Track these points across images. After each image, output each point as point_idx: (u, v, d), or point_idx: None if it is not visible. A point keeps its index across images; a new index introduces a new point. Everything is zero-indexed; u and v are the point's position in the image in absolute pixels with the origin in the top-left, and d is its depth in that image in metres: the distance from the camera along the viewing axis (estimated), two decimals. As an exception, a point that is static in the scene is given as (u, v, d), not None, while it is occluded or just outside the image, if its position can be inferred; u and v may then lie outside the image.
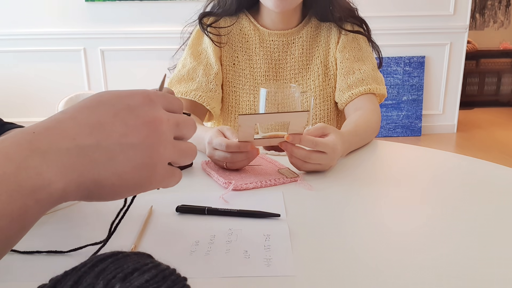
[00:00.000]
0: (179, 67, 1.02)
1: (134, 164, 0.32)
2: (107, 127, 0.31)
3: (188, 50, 1.03)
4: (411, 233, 0.49)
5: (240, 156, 0.68)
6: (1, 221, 0.26)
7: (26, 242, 0.46)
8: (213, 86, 0.99)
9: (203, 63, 1.01)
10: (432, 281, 0.39)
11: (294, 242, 0.46)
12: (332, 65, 1.03)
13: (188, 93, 0.97)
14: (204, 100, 0.97)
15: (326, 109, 1.04)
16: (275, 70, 1.04)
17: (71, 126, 0.31)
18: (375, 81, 0.99)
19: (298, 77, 1.04)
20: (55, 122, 0.31)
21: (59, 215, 0.53)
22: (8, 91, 3.47)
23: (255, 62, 1.03)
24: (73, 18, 3.38)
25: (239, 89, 1.04)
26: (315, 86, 1.03)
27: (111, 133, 0.31)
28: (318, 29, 1.05)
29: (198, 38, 1.04)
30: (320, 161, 0.67)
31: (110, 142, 0.31)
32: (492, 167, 0.72)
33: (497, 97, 5.06)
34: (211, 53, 1.01)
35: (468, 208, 0.56)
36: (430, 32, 3.55)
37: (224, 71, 1.03)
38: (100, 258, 0.26)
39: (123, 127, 0.32)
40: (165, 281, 0.25)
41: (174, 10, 3.36)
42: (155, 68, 3.44)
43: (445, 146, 3.48)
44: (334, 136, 0.68)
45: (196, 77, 0.99)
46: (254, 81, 1.03)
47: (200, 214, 0.54)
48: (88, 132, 0.30)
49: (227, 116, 1.07)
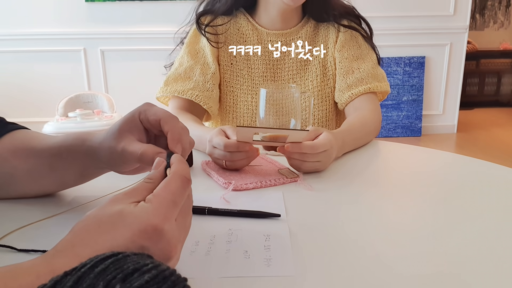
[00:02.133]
0: (176, 65, 1.02)
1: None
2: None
3: (185, 49, 1.03)
4: (411, 233, 0.49)
5: (239, 155, 0.68)
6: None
7: (26, 243, 0.46)
8: (210, 85, 0.99)
9: (200, 62, 1.01)
10: (432, 281, 0.39)
11: (294, 242, 0.46)
12: (331, 65, 1.03)
13: (185, 92, 0.96)
14: (201, 99, 0.96)
15: (325, 109, 1.04)
16: (273, 70, 1.04)
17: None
18: (375, 79, 0.98)
19: (296, 78, 1.04)
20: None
21: (60, 218, 0.53)
22: (8, 91, 3.46)
23: (253, 62, 1.03)
24: (73, 18, 3.38)
25: (236, 89, 1.03)
26: (313, 86, 1.03)
27: None
28: (316, 29, 1.05)
29: (195, 36, 1.04)
30: (318, 159, 0.68)
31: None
32: (492, 167, 0.72)
33: (497, 97, 5.05)
34: (209, 52, 1.01)
35: (468, 208, 0.56)
36: (430, 32, 3.55)
37: (222, 70, 1.03)
38: (100, 258, 0.26)
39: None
40: (165, 281, 0.25)
41: (174, 10, 3.36)
42: (155, 68, 3.43)
43: (445, 146, 3.48)
44: (326, 134, 0.69)
45: (193, 76, 0.99)
46: (252, 81, 1.03)
47: (200, 214, 0.54)
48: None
49: (225, 116, 1.06)
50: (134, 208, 0.34)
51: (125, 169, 0.51)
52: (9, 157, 0.55)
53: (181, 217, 0.36)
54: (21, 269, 0.30)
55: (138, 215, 0.33)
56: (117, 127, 0.48)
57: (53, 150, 0.54)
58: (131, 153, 0.46)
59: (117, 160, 0.49)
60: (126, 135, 0.47)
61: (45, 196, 0.59)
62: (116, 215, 0.33)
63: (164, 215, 0.33)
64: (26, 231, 0.49)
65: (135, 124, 0.48)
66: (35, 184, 0.57)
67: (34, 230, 0.49)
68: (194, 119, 0.93)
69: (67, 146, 0.53)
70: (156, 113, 0.47)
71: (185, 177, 0.37)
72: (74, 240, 0.32)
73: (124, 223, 0.32)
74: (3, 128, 0.58)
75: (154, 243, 0.33)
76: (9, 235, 0.48)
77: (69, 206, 0.57)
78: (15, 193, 0.58)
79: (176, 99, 0.98)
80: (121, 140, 0.47)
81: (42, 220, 0.52)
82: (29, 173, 0.55)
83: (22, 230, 0.49)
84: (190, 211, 0.39)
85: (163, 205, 0.34)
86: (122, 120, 0.48)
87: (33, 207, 0.56)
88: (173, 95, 0.97)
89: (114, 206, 0.34)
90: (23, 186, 0.57)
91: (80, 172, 0.55)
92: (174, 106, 0.98)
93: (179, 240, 0.35)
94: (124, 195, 0.36)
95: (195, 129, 0.83)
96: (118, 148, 0.47)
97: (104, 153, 0.49)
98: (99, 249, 0.31)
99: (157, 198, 0.34)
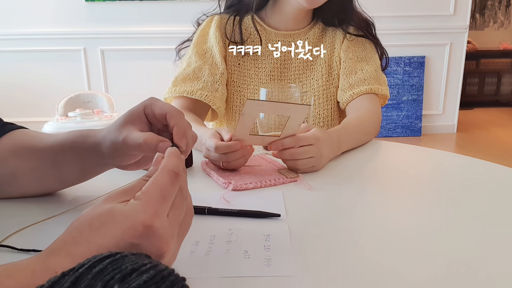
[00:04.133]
0: (184, 66, 1.02)
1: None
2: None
3: (193, 49, 1.03)
4: (411, 233, 0.49)
5: (234, 156, 0.67)
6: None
7: (25, 244, 0.46)
8: (219, 85, 0.99)
9: (208, 62, 1.01)
10: (432, 280, 0.39)
11: (294, 242, 0.46)
12: (336, 65, 1.03)
13: (194, 92, 0.96)
14: (210, 99, 0.97)
15: (329, 109, 1.04)
16: (280, 70, 1.04)
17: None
18: (377, 82, 0.99)
19: (303, 77, 1.05)
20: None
21: (60, 218, 0.53)
22: (8, 91, 3.46)
23: (261, 62, 1.03)
24: (73, 18, 3.37)
25: (243, 88, 1.04)
26: (318, 86, 1.03)
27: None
28: (324, 30, 1.05)
29: (203, 36, 1.04)
30: (309, 154, 0.68)
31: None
32: (492, 167, 0.72)
33: (497, 97, 5.05)
34: (217, 52, 1.01)
35: (468, 208, 0.55)
36: (430, 32, 3.55)
37: (229, 70, 1.03)
38: (98, 258, 0.26)
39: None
40: (163, 281, 0.25)
41: (174, 10, 3.36)
42: (155, 68, 3.44)
43: (445, 146, 3.47)
44: (314, 129, 0.70)
45: (202, 77, 0.99)
46: (258, 81, 1.04)
47: (200, 214, 0.53)
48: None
49: (231, 116, 1.06)
50: (124, 206, 0.34)
51: (127, 162, 0.51)
52: (10, 157, 0.55)
53: (174, 212, 0.36)
54: (17, 267, 0.30)
55: (127, 213, 0.33)
56: (121, 119, 0.49)
57: (55, 147, 0.54)
58: (133, 140, 0.46)
59: (120, 152, 0.49)
60: (128, 126, 0.48)
61: (46, 196, 0.59)
62: (106, 213, 0.33)
63: (153, 211, 0.33)
64: (26, 231, 0.49)
65: (139, 117, 0.48)
66: (38, 183, 0.57)
67: (34, 230, 0.49)
68: (196, 119, 0.93)
69: (70, 143, 0.53)
70: (162, 107, 0.47)
71: (173, 172, 0.36)
72: (67, 239, 0.33)
73: (113, 221, 0.32)
74: (2, 128, 0.58)
75: (144, 239, 0.33)
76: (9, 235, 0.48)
77: (70, 206, 0.56)
78: (17, 193, 0.58)
79: (180, 98, 0.98)
80: (123, 131, 0.47)
81: (43, 220, 0.51)
82: (31, 172, 0.55)
83: (22, 230, 0.49)
84: (183, 206, 0.38)
85: (152, 201, 0.34)
86: (126, 113, 0.49)
87: (33, 207, 0.56)
88: (182, 95, 0.97)
89: (105, 204, 0.34)
90: (25, 185, 0.57)
91: (82, 168, 0.55)
92: (177, 105, 0.98)
93: (171, 235, 0.35)
94: (120, 193, 0.36)
95: (197, 129, 0.83)
96: (120, 138, 0.47)
97: (106, 146, 0.49)
98: (90, 247, 0.31)
99: (145, 195, 0.34)
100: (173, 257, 0.37)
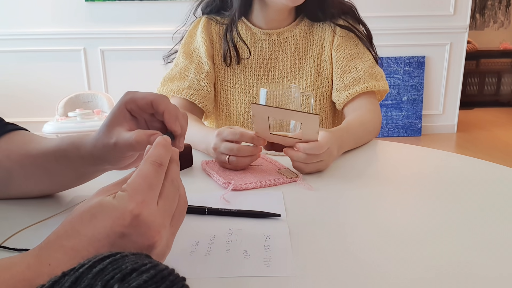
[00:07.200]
0: (172, 66, 1.04)
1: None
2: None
3: (181, 49, 1.05)
4: (411, 233, 0.49)
5: (246, 151, 0.68)
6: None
7: (25, 244, 0.46)
8: (205, 84, 1.00)
9: (195, 61, 1.02)
10: (432, 280, 0.39)
11: (294, 242, 0.46)
12: (327, 65, 1.02)
13: (180, 91, 0.98)
14: (195, 98, 0.98)
15: (319, 109, 1.03)
16: (267, 69, 1.04)
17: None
18: (373, 78, 0.97)
19: (290, 76, 1.04)
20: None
21: (60, 218, 0.53)
22: (8, 91, 3.46)
23: (246, 61, 1.03)
24: (73, 18, 3.37)
25: (230, 88, 1.04)
26: (307, 86, 1.02)
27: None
28: (311, 27, 1.04)
29: (190, 37, 1.05)
30: (320, 158, 0.68)
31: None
32: (492, 167, 0.72)
33: (497, 97, 5.05)
34: (203, 52, 1.01)
35: (468, 208, 0.55)
36: (430, 32, 3.55)
37: (216, 69, 1.04)
38: (98, 258, 0.26)
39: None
40: (163, 281, 0.25)
41: (174, 10, 3.36)
42: (155, 67, 3.43)
43: (445, 146, 3.47)
44: (325, 133, 0.70)
45: (188, 76, 1.00)
46: (245, 80, 1.03)
47: (200, 214, 0.53)
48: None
49: (219, 115, 1.07)
50: (112, 198, 0.34)
51: (125, 163, 0.51)
52: (5, 159, 0.55)
53: (165, 203, 0.36)
54: (12, 261, 0.32)
55: (115, 204, 0.33)
56: (105, 123, 0.48)
57: (48, 155, 0.53)
58: (125, 142, 0.46)
59: (115, 156, 0.49)
60: (116, 129, 0.47)
61: (45, 197, 0.59)
62: (96, 206, 0.34)
63: (140, 200, 0.34)
64: (25, 232, 0.49)
65: (123, 116, 0.48)
66: (33, 186, 0.57)
67: (33, 230, 0.49)
68: (196, 119, 0.93)
69: (62, 151, 0.53)
70: (145, 96, 0.47)
71: (155, 162, 0.36)
72: (59, 232, 0.33)
73: (103, 213, 0.33)
74: (1, 128, 0.58)
75: (134, 229, 0.33)
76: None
77: (69, 206, 0.56)
78: (14, 194, 0.58)
79: (175, 99, 0.99)
80: (112, 135, 0.47)
81: (41, 221, 0.51)
82: (26, 176, 0.55)
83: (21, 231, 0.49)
84: (175, 196, 0.38)
85: (138, 191, 0.34)
86: (109, 116, 0.48)
87: (32, 208, 0.56)
88: (169, 94, 0.99)
89: (95, 198, 0.35)
90: (21, 187, 0.57)
91: (78, 174, 0.55)
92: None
93: (162, 225, 0.35)
94: (110, 186, 0.37)
95: (198, 129, 0.83)
96: (111, 143, 0.47)
97: (100, 153, 0.49)
98: (82, 238, 0.32)
99: (130, 186, 0.35)
100: (167, 247, 0.37)
